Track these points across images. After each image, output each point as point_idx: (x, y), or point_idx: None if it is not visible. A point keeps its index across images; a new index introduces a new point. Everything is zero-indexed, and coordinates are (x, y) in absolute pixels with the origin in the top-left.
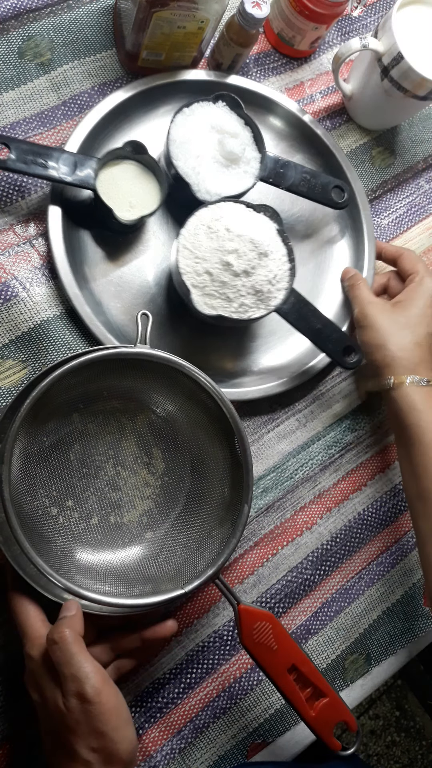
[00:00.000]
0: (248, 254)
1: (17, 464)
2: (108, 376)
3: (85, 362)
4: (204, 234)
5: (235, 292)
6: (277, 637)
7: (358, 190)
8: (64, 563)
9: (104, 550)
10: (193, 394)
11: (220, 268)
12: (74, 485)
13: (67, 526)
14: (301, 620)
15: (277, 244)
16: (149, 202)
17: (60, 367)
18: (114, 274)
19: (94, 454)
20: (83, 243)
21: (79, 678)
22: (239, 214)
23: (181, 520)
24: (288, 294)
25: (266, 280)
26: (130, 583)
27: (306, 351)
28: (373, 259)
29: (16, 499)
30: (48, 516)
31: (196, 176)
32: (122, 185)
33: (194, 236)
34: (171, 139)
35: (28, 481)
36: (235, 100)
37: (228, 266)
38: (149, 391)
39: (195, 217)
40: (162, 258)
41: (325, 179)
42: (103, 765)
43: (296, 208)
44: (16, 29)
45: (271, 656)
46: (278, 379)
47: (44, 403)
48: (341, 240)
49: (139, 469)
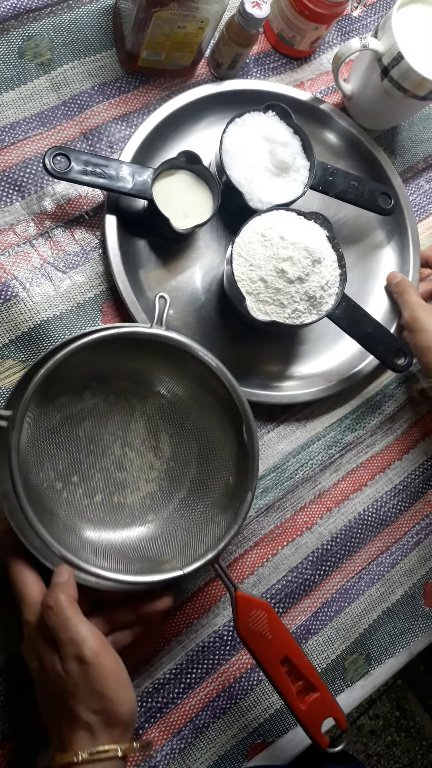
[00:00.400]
0: (302, 261)
1: (27, 434)
2: (122, 356)
3: (101, 338)
4: (258, 242)
5: (289, 299)
6: (272, 627)
7: (402, 195)
8: (66, 537)
9: (105, 529)
10: (204, 380)
11: (274, 275)
12: (81, 462)
13: (71, 501)
14: (301, 620)
15: (329, 251)
16: (203, 211)
17: (76, 341)
18: (168, 283)
19: (102, 433)
20: (138, 252)
21: (76, 641)
22: (292, 222)
23: (184, 505)
24: (339, 299)
25: (319, 286)
26: (129, 562)
27: (354, 354)
28: (419, 264)
29: (23, 469)
30: (53, 489)
31: (248, 185)
32: (177, 195)
33: (248, 244)
34: (224, 149)
35: (36, 452)
36: (284, 110)
37: (282, 273)
38: (161, 374)
39: (249, 226)
40: (211, 266)
41: (372, 186)
42: (104, 727)
43: (341, 213)
44: (16, 29)
45: (264, 646)
46: (327, 383)
47: (58, 375)
48: (387, 246)
49: (146, 452)
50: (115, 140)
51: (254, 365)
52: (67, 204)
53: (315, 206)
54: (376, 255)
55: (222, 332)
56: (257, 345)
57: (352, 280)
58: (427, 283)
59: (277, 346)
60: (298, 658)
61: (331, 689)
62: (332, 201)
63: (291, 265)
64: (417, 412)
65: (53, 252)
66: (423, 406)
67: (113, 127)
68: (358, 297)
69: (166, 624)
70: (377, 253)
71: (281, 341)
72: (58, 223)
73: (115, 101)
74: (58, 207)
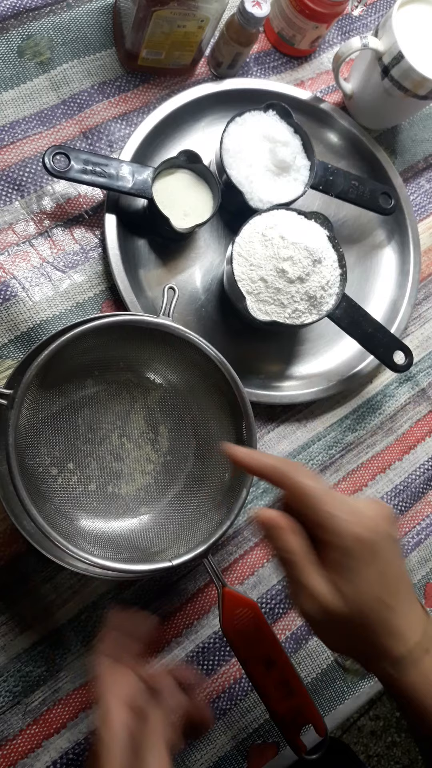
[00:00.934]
0: (303, 261)
1: (25, 416)
2: (127, 346)
3: (107, 324)
4: (258, 242)
5: (289, 299)
6: (257, 627)
7: (402, 195)
8: (58, 522)
9: (98, 518)
10: (207, 375)
11: (274, 275)
12: (78, 449)
13: (65, 487)
14: (302, 621)
15: (329, 250)
16: (203, 210)
17: (81, 326)
18: (168, 282)
19: (102, 422)
20: (138, 251)
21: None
22: (293, 222)
23: (178, 499)
24: (340, 299)
25: (319, 286)
26: (120, 551)
27: (354, 354)
28: (419, 264)
29: (19, 450)
30: (47, 475)
31: (249, 184)
32: (177, 194)
33: (249, 244)
34: (224, 148)
35: (34, 436)
36: (285, 109)
37: (283, 273)
38: (164, 367)
39: (249, 225)
40: (211, 265)
41: (372, 186)
42: None
43: (342, 213)
44: (16, 28)
45: (248, 645)
46: (328, 383)
47: (62, 359)
48: (387, 245)
49: (144, 444)
50: (114, 139)
51: (254, 365)
52: (66, 203)
53: (315, 206)
54: (377, 255)
55: (222, 332)
56: (257, 345)
57: (353, 280)
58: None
59: (277, 346)
60: (281, 661)
61: (331, 689)
62: (332, 201)
63: (291, 264)
64: (417, 412)
65: (53, 251)
66: (423, 406)
67: (113, 126)
68: (358, 297)
69: (166, 625)
70: (377, 253)
71: (281, 341)
72: (57, 222)
73: (115, 100)
74: (58, 206)
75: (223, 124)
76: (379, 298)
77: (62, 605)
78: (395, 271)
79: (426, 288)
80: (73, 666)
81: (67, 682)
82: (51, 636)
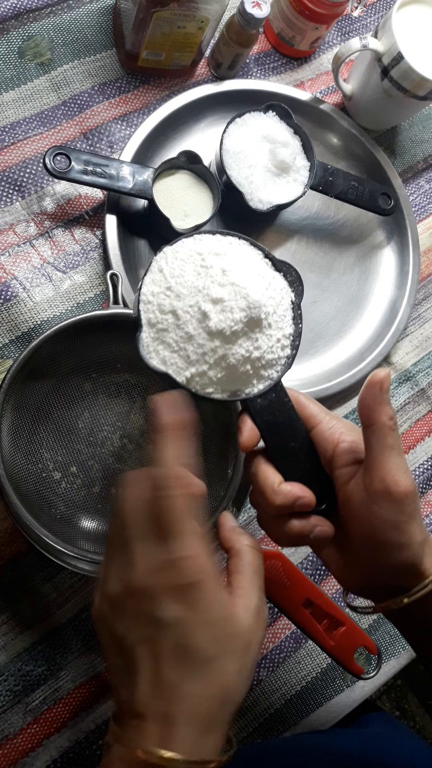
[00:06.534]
0: (235, 314)
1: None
2: (123, 345)
3: (103, 317)
4: (193, 265)
5: (200, 356)
6: (288, 574)
7: (402, 196)
8: (63, 527)
9: (103, 519)
10: None
11: (192, 314)
12: (80, 452)
13: (69, 491)
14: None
15: (283, 321)
16: (203, 211)
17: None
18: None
19: (102, 424)
20: (138, 252)
21: None
22: (250, 259)
23: None
24: (270, 388)
25: (246, 359)
26: None
27: (354, 354)
28: (418, 264)
29: (18, 462)
30: (51, 480)
31: (249, 185)
32: (177, 194)
33: (179, 262)
34: (224, 149)
35: (35, 442)
36: (284, 110)
37: (204, 317)
38: None
39: (193, 240)
40: None
41: (372, 186)
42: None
43: (341, 213)
44: (16, 29)
45: (284, 593)
46: (327, 383)
47: (57, 362)
48: (387, 246)
49: (146, 444)
50: (115, 140)
51: None
52: (67, 204)
53: (315, 206)
54: (376, 255)
55: None
56: None
57: (352, 281)
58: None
59: None
60: (319, 598)
61: (330, 689)
62: (332, 201)
63: (219, 311)
64: (417, 412)
65: (53, 252)
66: (422, 406)
67: (113, 126)
68: (357, 297)
69: None
70: (377, 254)
71: None
72: (58, 223)
73: (115, 101)
74: (58, 207)
75: (223, 124)
76: (378, 298)
77: (62, 605)
78: (395, 272)
79: (425, 288)
80: (74, 665)
81: (67, 681)
82: (51, 635)
